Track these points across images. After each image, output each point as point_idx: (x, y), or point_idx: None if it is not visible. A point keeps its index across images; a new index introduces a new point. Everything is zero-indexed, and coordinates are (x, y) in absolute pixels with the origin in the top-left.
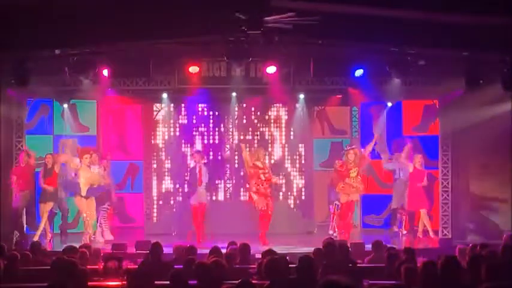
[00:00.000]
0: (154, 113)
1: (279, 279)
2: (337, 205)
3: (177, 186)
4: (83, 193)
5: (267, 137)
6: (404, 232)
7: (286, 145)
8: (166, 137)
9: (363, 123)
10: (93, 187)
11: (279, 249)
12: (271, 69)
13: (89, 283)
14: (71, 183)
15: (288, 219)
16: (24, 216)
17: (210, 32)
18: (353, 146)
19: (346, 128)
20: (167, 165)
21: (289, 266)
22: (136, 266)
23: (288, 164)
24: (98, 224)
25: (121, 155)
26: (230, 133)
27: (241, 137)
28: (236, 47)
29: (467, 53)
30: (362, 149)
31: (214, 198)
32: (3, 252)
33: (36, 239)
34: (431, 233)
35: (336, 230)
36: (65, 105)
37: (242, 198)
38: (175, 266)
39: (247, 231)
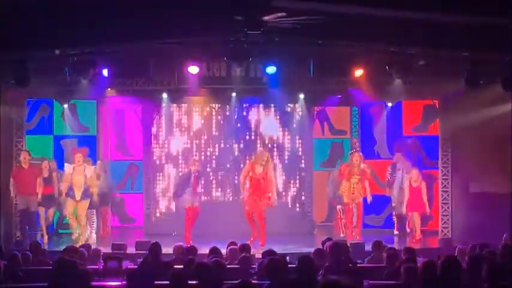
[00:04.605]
0: (154, 113)
1: (279, 279)
2: (342, 209)
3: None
4: (77, 197)
5: (266, 137)
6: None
7: (286, 145)
8: (166, 137)
9: (363, 123)
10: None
11: (279, 249)
12: (271, 69)
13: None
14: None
15: (288, 219)
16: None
17: (210, 32)
18: (357, 149)
19: (346, 128)
20: (166, 165)
21: (289, 266)
22: (136, 266)
23: (287, 164)
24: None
25: (121, 155)
26: (229, 133)
27: (241, 137)
28: (236, 47)
29: (467, 53)
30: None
31: (213, 198)
32: (3, 252)
33: (45, 241)
34: (417, 234)
35: (344, 231)
36: (65, 105)
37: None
38: (175, 266)
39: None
